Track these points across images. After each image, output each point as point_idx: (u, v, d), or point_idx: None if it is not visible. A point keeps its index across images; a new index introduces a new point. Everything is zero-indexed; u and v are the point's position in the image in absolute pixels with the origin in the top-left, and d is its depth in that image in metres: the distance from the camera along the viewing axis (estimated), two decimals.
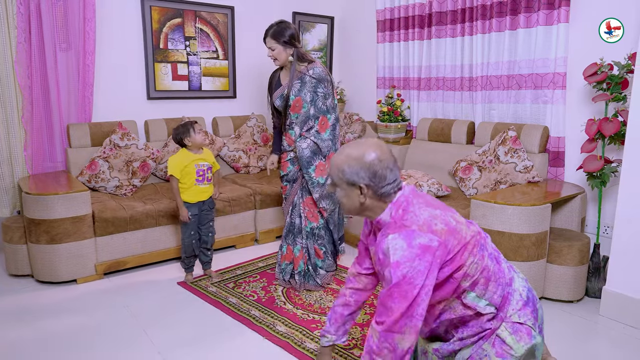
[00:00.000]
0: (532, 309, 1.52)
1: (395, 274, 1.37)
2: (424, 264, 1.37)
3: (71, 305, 2.64)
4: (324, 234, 2.89)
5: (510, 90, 3.37)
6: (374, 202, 1.50)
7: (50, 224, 2.76)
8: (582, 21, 2.98)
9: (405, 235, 1.40)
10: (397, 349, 1.38)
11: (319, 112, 2.76)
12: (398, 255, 1.37)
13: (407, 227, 1.41)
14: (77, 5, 3.34)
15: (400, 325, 1.38)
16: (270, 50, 2.76)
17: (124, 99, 3.76)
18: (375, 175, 1.45)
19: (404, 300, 1.36)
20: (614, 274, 2.54)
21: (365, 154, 1.46)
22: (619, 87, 2.66)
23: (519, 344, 1.46)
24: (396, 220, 1.46)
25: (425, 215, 1.44)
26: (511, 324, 1.48)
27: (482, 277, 1.47)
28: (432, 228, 1.41)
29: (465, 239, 1.46)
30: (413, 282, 1.36)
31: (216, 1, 4.08)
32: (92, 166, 3.34)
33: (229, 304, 2.65)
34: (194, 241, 2.92)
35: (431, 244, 1.39)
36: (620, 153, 2.71)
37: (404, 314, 1.37)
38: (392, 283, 1.37)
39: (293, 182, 2.88)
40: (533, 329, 1.49)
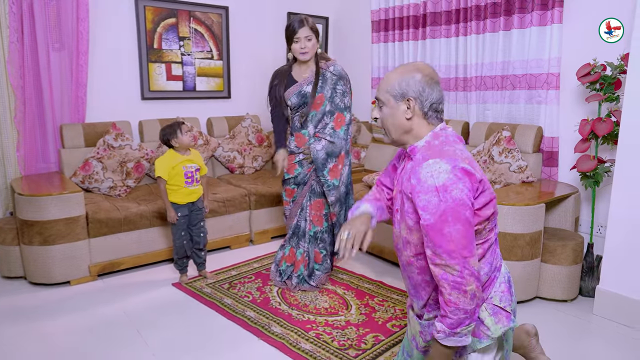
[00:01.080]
0: (511, 294, 1.54)
1: (444, 197, 1.32)
2: (470, 184, 1.35)
3: (65, 307, 2.63)
4: (327, 237, 2.88)
5: (505, 91, 3.38)
6: (418, 121, 1.49)
7: (43, 225, 2.74)
8: (575, 22, 3.00)
9: (448, 160, 1.36)
10: (475, 271, 1.35)
11: (335, 109, 2.73)
12: (443, 178, 1.33)
13: (449, 154, 1.39)
14: (70, 5, 3.32)
15: (469, 249, 1.34)
16: (307, 40, 2.66)
17: (118, 99, 3.74)
18: (424, 90, 1.46)
19: (459, 223, 1.32)
20: (608, 273, 2.56)
21: (416, 69, 1.48)
22: (612, 88, 2.68)
23: (496, 325, 1.47)
24: (433, 147, 1.44)
25: (468, 155, 1.45)
26: (492, 306, 1.49)
27: (481, 248, 1.47)
28: (473, 164, 1.41)
29: (494, 197, 1.46)
30: (464, 202, 1.33)
31: (210, 1, 4.07)
32: (86, 167, 3.32)
33: (223, 305, 2.64)
34: (185, 242, 2.91)
35: (474, 173, 1.37)
36: (613, 153, 2.72)
37: (466, 235, 1.33)
38: (445, 207, 1.32)
39: (302, 185, 2.82)
40: (512, 314, 1.51)
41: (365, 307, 2.64)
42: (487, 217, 1.43)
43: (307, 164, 2.79)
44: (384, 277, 3.06)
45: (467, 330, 1.37)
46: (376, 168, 4.10)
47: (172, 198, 2.83)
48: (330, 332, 2.37)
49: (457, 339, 1.38)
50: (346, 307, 2.63)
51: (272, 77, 2.88)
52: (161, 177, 2.78)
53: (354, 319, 2.51)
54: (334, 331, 2.38)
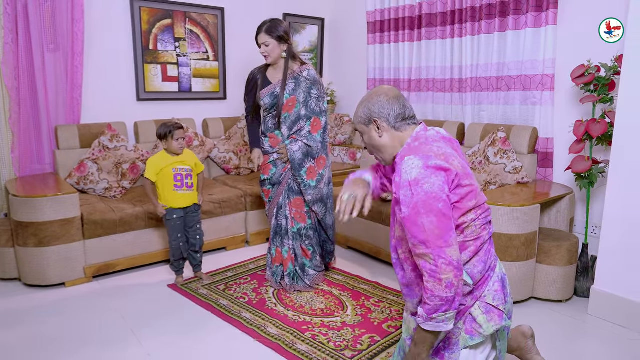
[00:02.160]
0: (505, 294, 1.57)
1: (415, 191, 1.41)
2: (442, 178, 1.43)
3: (60, 309, 2.62)
4: (312, 235, 2.89)
5: (500, 92, 3.39)
6: (392, 135, 1.62)
7: (38, 227, 2.73)
8: (570, 23, 3.01)
9: (422, 157, 1.46)
10: (453, 260, 1.40)
11: (311, 113, 2.76)
12: (415, 173, 1.43)
13: (425, 152, 1.48)
14: (65, 6, 3.31)
15: (444, 239, 1.40)
16: (264, 46, 2.72)
17: (113, 101, 3.73)
18: (384, 108, 1.60)
19: (431, 214, 1.40)
20: (602, 273, 2.57)
21: (374, 94, 1.65)
22: (606, 89, 2.69)
23: (489, 324, 1.51)
24: (411, 147, 1.55)
25: (447, 150, 1.53)
26: (485, 304, 1.53)
27: (473, 245, 1.51)
28: (449, 160, 1.48)
29: (475, 189, 1.52)
30: (436, 195, 1.40)
31: (206, 2, 4.07)
32: (81, 168, 3.31)
33: (219, 306, 2.64)
34: (182, 244, 2.90)
35: (447, 167, 1.45)
36: (607, 154, 2.74)
37: (441, 226, 1.40)
38: (416, 200, 1.41)
39: (277, 185, 2.86)
40: (505, 313, 1.54)
41: (361, 308, 2.64)
42: (468, 209, 1.49)
43: (281, 163, 2.82)
44: (379, 278, 3.06)
45: (444, 317, 1.43)
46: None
47: (165, 202, 2.83)
48: (326, 333, 2.37)
49: (435, 324, 1.44)
50: (342, 308, 2.63)
51: (249, 77, 2.91)
52: (147, 178, 2.78)
53: (350, 320, 2.51)
54: (330, 332, 2.38)
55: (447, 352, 1.55)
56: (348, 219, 1.65)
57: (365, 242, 3.41)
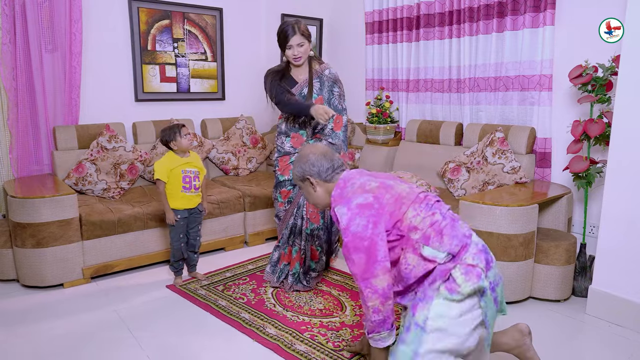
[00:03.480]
0: (485, 256, 1.66)
1: (346, 235, 1.69)
2: (365, 218, 1.68)
3: (58, 310, 2.61)
4: (322, 234, 2.90)
5: (498, 92, 3.40)
6: (325, 187, 1.89)
7: (36, 228, 2.73)
8: (567, 24, 3.02)
9: (345, 202, 1.74)
10: (378, 289, 1.65)
11: (334, 111, 2.75)
12: (344, 220, 1.70)
13: (345, 196, 1.76)
14: (63, 6, 3.30)
15: (370, 271, 1.65)
16: (298, 47, 2.66)
17: (112, 101, 3.73)
18: (314, 166, 1.88)
19: (360, 252, 1.66)
20: (600, 273, 2.58)
21: (302, 155, 1.94)
22: (604, 89, 2.70)
23: (466, 283, 1.59)
24: (335, 197, 1.81)
25: (362, 180, 1.79)
26: (465, 265, 1.62)
27: (433, 231, 1.66)
28: (365, 188, 1.75)
29: (400, 194, 1.73)
30: (361, 235, 1.66)
31: (205, 3, 4.07)
32: (79, 169, 3.31)
33: (218, 307, 2.64)
34: (183, 244, 2.90)
35: (366, 201, 1.71)
36: (605, 154, 2.74)
37: (367, 261, 1.65)
38: (346, 242, 1.69)
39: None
40: (483, 272, 1.61)
41: (359, 308, 2.64)
42: (404, 212, 1.69)
43: None
44: None
45: (379, 336, 1.70)
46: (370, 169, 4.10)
47: (170, 203, 2.81)
48: (325, 333, 2.37)
49: (374, 341, 1.72)
50: (341, 309, 2.64)
51: (269, 75, 2.83)
52: (160, 180, 2.77)
53: (349, 320, 2.51)
54: (329, 332, 2.38)
55: (422, 302, 1.65)
56: None
57: None
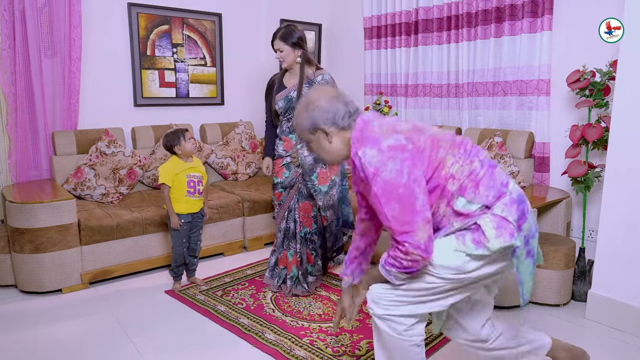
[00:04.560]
0: (517, 207, 1.48)
1: (376, 183, 1.44)
2: (399, 161, 1.43)
3: (56, 315, 2.60)
4: (316, 239, 2.91)
5: (496, 97, 3.41)
6: (342, 137, 1.58)
7: (34, 233, 2.72)
8: (565, 29, 3.04)
9: (372, 144, 1.47)
10: (421, 244, 1.41)
11: None
12: (372, 164, 1.45)
13: (371, 137, 1.49)
14: (63, 12, 3.31)
15: (409, 224, 1.41)
16: (279, 51, 2.76)
17: (111, 106, 3.73)
18: (328, 111, 1.56)
19: (392, 202, 1.42)
20: (599, 277, 2.58)
21: (309, 102, 1.60)
22: (601, 94, 2.71)
23: (497, 239, 1.43)
24: (355, 139, 1.53)
25: (388, 121, 1.55)
26: (498, 218, 1.45)
27: (470, 181, 1.48)
28: (396, 129, 1.50)
29: (435, 137, 1.51)
30: (394, 182, 1.42)
31: (204, 8, 4.08)
32: (78, 174, 3.31)
33: (217, 312, 2.63)
34: (185, 249, 2.91)
35: (399, 142, 1.46)
36: (603, 158, 2.75)
37: (404, 212, 1.41)
38: (375, 191, 1.44)
39: (289, 188, 2.87)
40: (514, 226, 1.45)
41: (359, 313, 2.63)
42: (443, 158, 1.49)
43: (294, 167, 2.84)
44: None
45: (396, 274, 1.50)
46: None
47: (174, 207, 2.82)
48: (324, 338, 2.36)
49: (385, 273, 1.52)
50: None
51: (268, 83, 2.96)
52: (165, 184, 2.78)
53: (348, 325, 2.50)
54: (328, 337, 2.37)
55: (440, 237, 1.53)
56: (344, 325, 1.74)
57: None
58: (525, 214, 1.50)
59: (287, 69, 2.85)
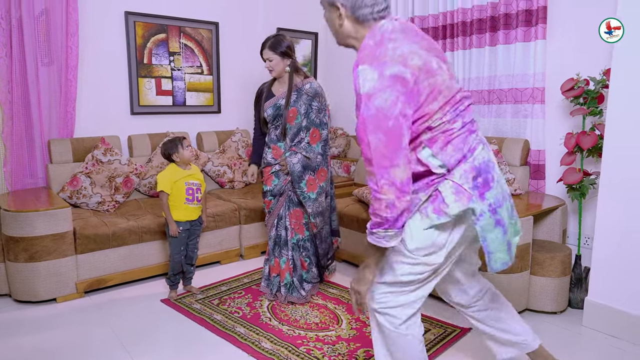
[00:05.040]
0: (479, 175, 1.48)
1: (367, 107, 1.37)
2: (396, 93, 1.36)
3: (50, 325, 2.58)
4: (309, 246, 2.92)
5: (492, 105, 3.43)
6: (353, 27, 1.53)
7: (29, 242, 2.71)
8: (559, 38, 3.07)
9: (376, 66, 1.39)
10: (396, 181, 1.38)
11: (310, 124, 2.81)
12: (368, 87, 1.38)
13: (379, 58, 1.40)
14: (60, 20, 3.32)
15: (390, 159, 1.37)
16: (268, 61, 2.78)
17: (107, 114, 3.73)
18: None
19: (379, 132, 1.37)
20: (596, 284, 2.58)
21: None
22: (595, 102, 2.73)
23: (456, 203, 1.46)
24: (366, 49, 1.46)
25: (404, 49, 1.42)
26: (456, 184, 1.47)
27: (443, 137, 1.47)
28: (406, 62, 1.40)
29: (438, 87, 1.45)
30: (386, 112, 1.36)
31: (201, 17, 4.10)
32: (74, 182, 3.30)
33: (213, 321, 2.61)
34: (183, 257, 2.90)
35: (403, 75, 1.38)
36: (598, 166, 2.76)
37: (388, 145, 1.37)
38: (364, 117, 1.38)
39: (279, 196, 2.88)
40: (476, 197, 1.47)
41: (356, 321, 2.62)
42: (433, 112, 1.44)
43: (283, 175, 2.85)
44: None
45: (384, 233, 1.44)
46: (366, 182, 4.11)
47: (172, 215, 2.82)
48: (321, 347, 2.35)
49: (375, 238, 1.46)
50: (337, 322, 2.62)
51: (257, 92, 3.00)
52: (163, 191, 2.78)
53: (345, 333, 2.49)
54: (325, 346, 2.36)
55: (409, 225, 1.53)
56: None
57: (359, 254, 3.41)
58: (490, 182, 1.49)
59: (276, 78, 2.87)
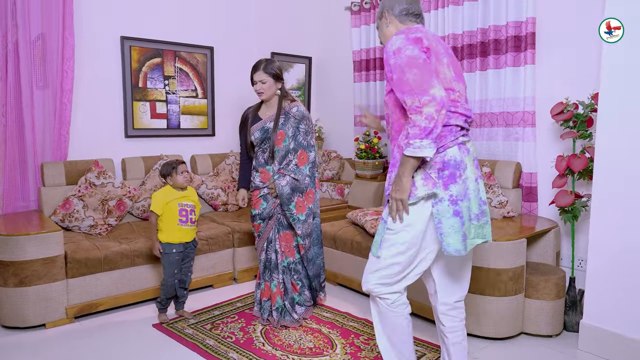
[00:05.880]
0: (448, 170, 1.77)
1: (398, 56, 1.71)
2: (418, 49, 1.72)
3: (39, 351, 2.52)
4: (300, 269, 2.91)
5: (483, 128, 3.47)
6: (397, 27, 1.93)
7: (19, 266, 2.67)
8: (547, 63, 3.13)
9: (402, 33, 1.77)
10: (437, 97, 1.65)
11: (298, 146, 2.83)
12: (397, 44, 1.73)
13: (404, 32, 1.78)
14: (56, 44, 3.35)
15: (428, 82, 1.65)
16: (261, 83, 2.80)
17: (101, 137, 3.74)
18: (390, 1, 1.94)
19: (414, 68, 1.67)
20: (590, 307, 2.57)
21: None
22: (585, 125, 2.78)
23: (423, 187, 1.77)
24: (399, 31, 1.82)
25: (429, 35, 1.80)
26: (425, 173, 1.78)
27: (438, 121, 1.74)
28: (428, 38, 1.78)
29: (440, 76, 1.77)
30: (416, 56, 1.69)
31: (196, 42, 4.16)
32: (66, 205, 3.27)
33: (205, 347, 2.57)
34: (177, 281, 2.87)
35: (426, 42, 1.75)
36: (590, 188, 2.79)
37: (423, 74, 1.66)
38: (400, 62, 1.70)
39: (268, 219, 2.88)
40: (440, 185, 1.77)
41: (350, 346, 2.59)
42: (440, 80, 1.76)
43: (271, 198, 2.86)
44: (369, 314, 3.01)
45: (420, 143, 1.67)
46: (360, 204, 4.12)
47: (165, 237, 2.81)
48: None
49: (412, 149, 1.69)
50: (331, 347, 2.58)
51: (242, 116, 3.01)
52: (153, 212, 2.78)
53: (339, 358, 2.46)
54: None
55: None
56: None
57: (354, 278, 3.38)
58: (455, 178, 1.77)
59: (264, 101, 2.89)
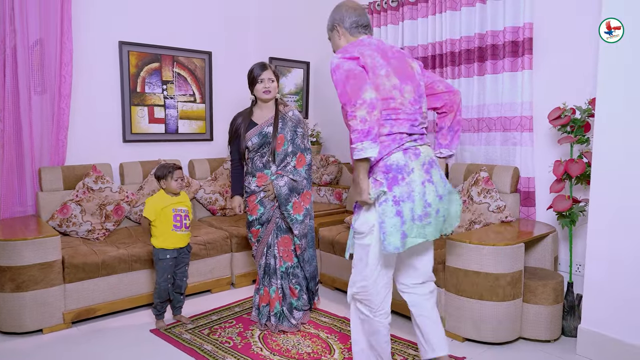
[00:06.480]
0: (391, 174, 1.92)
1: (338, 71, 1.87)
2: (354, 64, 1.89)
3: (36, 357, 2.51)
4: (299, 272, 2.92)
5: (481, 133, 3.48)
6: (347, 39, 2.08)
7: (16, 271, 2.66)
8: (545, 68, 3.15)
9: (340, 53, 1.95)
10: (367, 99, 1.79)
11: (297, 149, 2.86)
12: (335, 62, 1.91)
13: (342, 51, 1.96)
14: (54, 50, 3.35)
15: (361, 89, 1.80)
16: (270, 81, 2.84)
17: (99, 142, 3.73)
18: (343, 15, 2.08)
19: (351, 79, 1.83)
20: (588, 312, 2.57)
21: (336, 7, 2.13)
22: (582, 130, 2.78)
23: (373, 190, 1.93)
24: (342, 49, 2.00)
25: (365, 51, 1.94)
26: (373, 180, 1.95)
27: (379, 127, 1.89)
28: (363, 54, 1.93)
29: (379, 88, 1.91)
30: (352, 69, 1.86)
31: (194, 47, 4.17)
32: (64, 210, 3.27)
33: (203, 352, 2.56)
34: (170, 285, 2.85)
35: (358, 57, 1.91)
36: (587, 192, 2.80)
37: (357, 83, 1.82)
38: (339, 76, 1.86)
39: (266, 223, 2.88)
40: (384, 187, 1.91)
41: (348, 351, 2.58)
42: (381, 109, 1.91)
43: (269, 202, 2.85)
44: None
45: (361, 146, 1.81)
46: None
47: (160, 243, 2.80)
48: None
49: (357, 152, 1.83)
50: (329, 352, 2.58)
51: (233, 121, 2.93)
52: (145, 217, 2.77)
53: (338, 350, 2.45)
54: None
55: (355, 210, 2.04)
56: None
57: None
58: (398, 180, 1.91)
59: (265, 102, 2.88)
